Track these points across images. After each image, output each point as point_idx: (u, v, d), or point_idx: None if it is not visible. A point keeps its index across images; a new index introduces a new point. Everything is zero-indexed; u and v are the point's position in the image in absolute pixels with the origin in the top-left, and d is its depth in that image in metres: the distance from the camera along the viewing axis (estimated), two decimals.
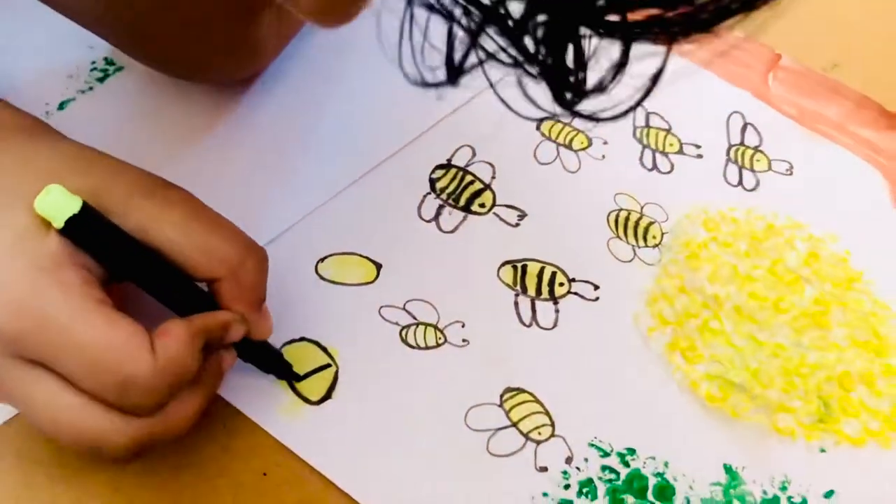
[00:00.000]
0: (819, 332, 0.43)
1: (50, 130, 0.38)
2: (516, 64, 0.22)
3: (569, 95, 0.23)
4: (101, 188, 0.32)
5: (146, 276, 0.33)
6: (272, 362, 0.38)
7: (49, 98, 0.46)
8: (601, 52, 0.22)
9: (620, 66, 0.22)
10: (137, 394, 0.30)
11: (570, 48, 0.22)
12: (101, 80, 0.48)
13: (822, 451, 0.39)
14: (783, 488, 0.38)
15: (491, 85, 0.24)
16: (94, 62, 0.48)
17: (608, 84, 0.22)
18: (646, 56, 0.22)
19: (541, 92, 0.23)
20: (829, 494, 0.38)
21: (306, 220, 0.44)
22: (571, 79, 0.22)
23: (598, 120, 0.23)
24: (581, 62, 0.22)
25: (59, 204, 0.31)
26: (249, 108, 0.47)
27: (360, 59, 0.50)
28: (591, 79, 0.22)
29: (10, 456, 0.36)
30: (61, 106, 0.46)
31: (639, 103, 0.23)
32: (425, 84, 0.24)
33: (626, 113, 0.23)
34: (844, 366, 0.42)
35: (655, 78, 0.22)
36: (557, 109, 0.23)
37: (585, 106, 0.23)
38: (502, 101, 0.24)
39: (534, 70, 0.22)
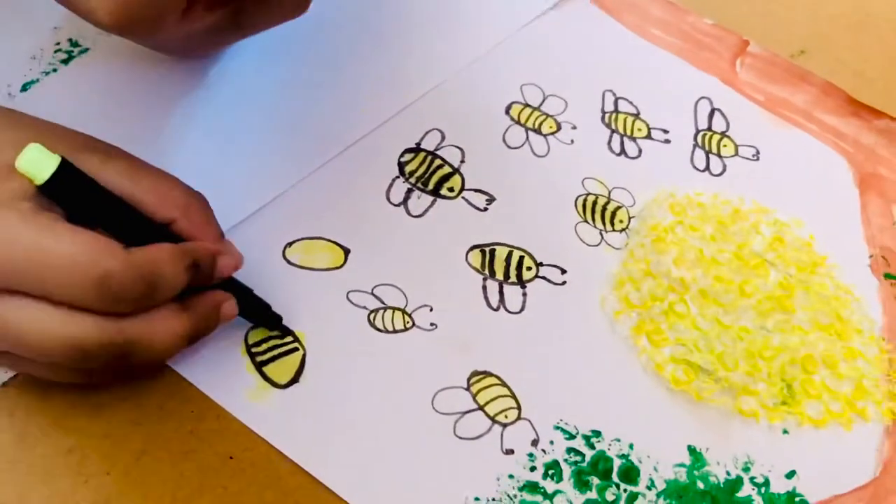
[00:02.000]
0: (783, 315, 0.43)
1: None
2: None
3: None
4: (43, 142, 0.33)
5: (123, 227, 0.34)
6: (261, 313, 0.39)
7: (11, 79, 0.45)
8: None
9: None
10: (116, 287, 0.31)
11: None
12: (65, 61, 0.47)
13: (785, 432, 0.40)
14: (746, 469, 0.39)
15: None
16: (58, 43, 0.47)
17: None
18: None
19: None
20: (790, 475, 0.39)
21: (273, 204, 0.43)
22: None
23: None
24: None
25: (40, 161, 0.31)
26: (215, 91, 0.47)
27: (329, 41, 0.50)
28: None
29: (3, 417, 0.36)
30: (24, 87, 0.45)
31: None
32: None
33: None
34: (807, 349, 0.42)
35: None
36: None
37: None
38: None
39: None
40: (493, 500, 0.37)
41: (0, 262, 0.31)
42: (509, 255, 0.44)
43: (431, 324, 0.41)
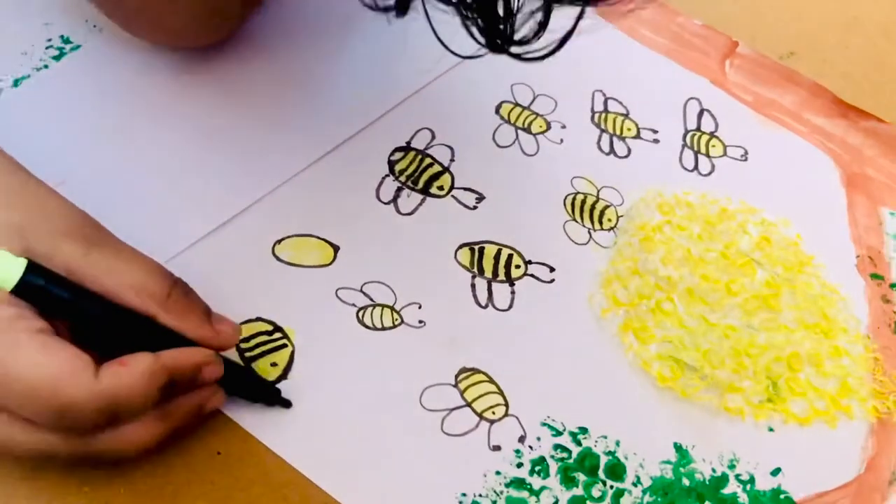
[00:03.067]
0: (769, 314, 0.43)
1: None
2: (454, 4, 0.27)
3: (499, 41, 0.27)
4: (26, 226, 0.32)
5: (101, 325, 0.33)
6: (258, 391, 0.38)
7: (2, 74, 0.46)
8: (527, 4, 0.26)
9: (542, 25, 0.26)
10: (74, 417, 0.30)
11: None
12: (56, 58, 0.47)
13: (770, 430, 0.40)
14: (731, 466, 0.39)
15: (428, 20, 0.29)
16: (49, 40, 0.48)
17: (531, 39, 0.27)
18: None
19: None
20: (775, 472, 0.39)
21: (263, 201, 0.44)
22: (501, 27, 0.27)
23: (522, 59, 0.29)
24: (509, 12, 0.26)
25: (4, 267, 0.31)
26: (205, 89, 0.47)
27: (318, 41, 0.50)
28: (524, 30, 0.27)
29: None
30: (16, 83, 0.46)
31: (552, 52, 0.28)
32: (376, 7, 0.29)
33: (543, 57, 0.28)
34: (793, 347, 0.43)
35: (568, 34, 0.27)
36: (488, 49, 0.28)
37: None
38: (437, 37, 0.31)
39: (468, 13, 0.27)
40: (480, 496, 0.37)
41: None
42: (498, 252, 0.44)
43: (420, 321, 0.41)
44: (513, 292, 0.43)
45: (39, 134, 0.44)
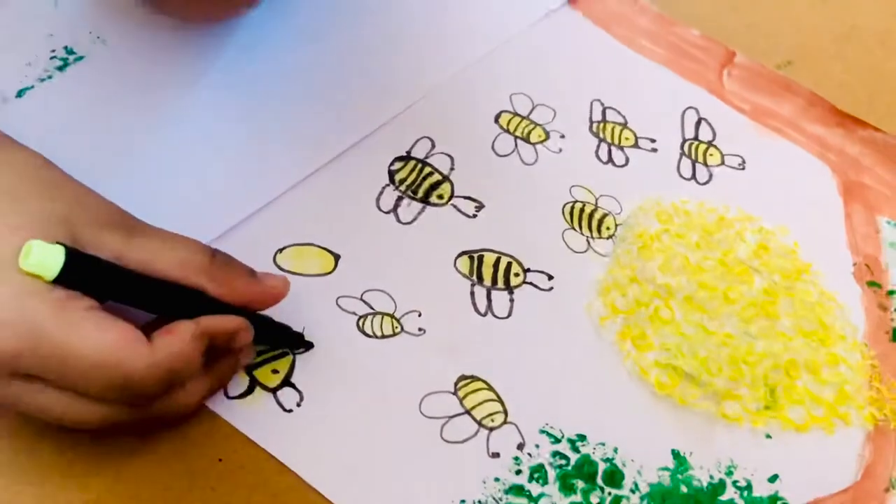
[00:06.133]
0: (767, 321, 0.44)
1: (2, 138, 0.37)
2: None
3: None
4: (70, 217, 0.33)
5: (144, 301, 0.34)
6: (283, 338, 0.40)
7: (6, 85, 0.46)
8: None
9: None
10: (138, 387, 0.32)
11: None
12: (60, 68, 0.47)
13: (768, 436, 0.41)
14: (729, 473, 0.39)
15: None
16: (53, 50, 0.48)
17: None
18: None
19: None
20: (773, 479, 0.39)
21: (265, 210, 0.44)
22: None
23: None
24: None
25: (44, 260, 0.31)
26: (208, 99, 0.47)
27: (320, 49, 0.50)
28: None
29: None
30: (20, 93, 0.46)
31: None
32: None
33: None
34: (791, 354, 0.43)
35: None
36: None
37: None
38: None
39: None
40: (479, 502, 0.37)
41: (27, 353, 0.30)
42: (497, 261, 0.44)
43: (420, 329, 0.41)
44: (512, 300, 0.43)
45: (42, 145, 0.44)
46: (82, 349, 0.31)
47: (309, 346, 0.40)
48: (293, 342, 0.40)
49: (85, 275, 0.32)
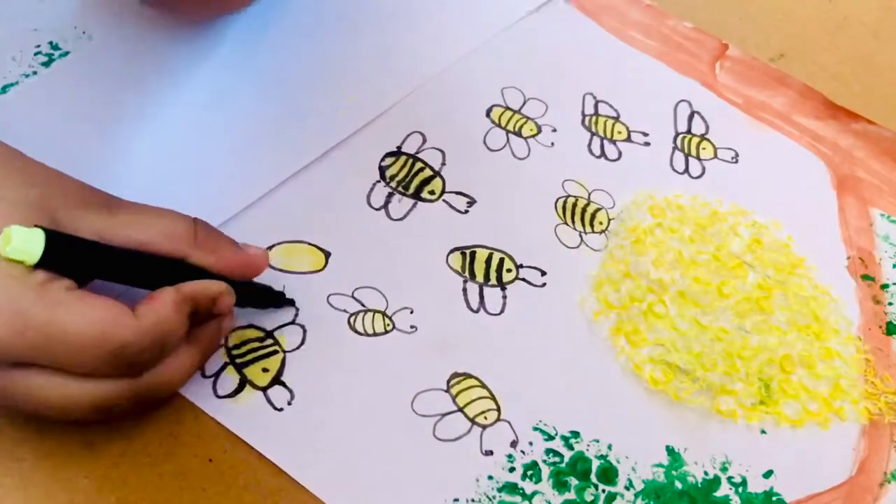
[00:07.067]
0: (761, 316, 0.44)
1: None
2: None
3: None
4: (48, 201, 0.33)
5: (128, 275, 0.34)
6: (267, 298, 0.40)
7: None
8: None
9: None
10: (129, 355, 0.32)
11: None
12: (45, 64, 0.47)
13: (763, 432, 0.40)
14: (724, 469, 0.39)
15: None
16: (38, 46, 0.47)
17: None
18: None
19: None
20: (768, 474, 0.39)
21: (255, 207, 0.44)
22: None
23: None
24: None
25: (25, 245, 0.31)
26: (196, 95, 0.47)
27: (309, 44, 0.50)
28: None
29: None
30: (4, 89, 0.45)
31: None
32: None
33: None
34: (785, 349, 0.43)
35: None
36: None
37: None
38: None
39: None
40: (473, 500, 0.37)
41: (14, 338, 0.30)
42: (489, 257, 0.44)
43: (412, 326, 0.41)
44: (504, 296, 0.43)
45: (27, 140, 0.43)
46: (69, 327, 0.31)
47: (291, 302, 0.40)
48: (276, 301, 0.40)
49: (67, 255, 0.32)
